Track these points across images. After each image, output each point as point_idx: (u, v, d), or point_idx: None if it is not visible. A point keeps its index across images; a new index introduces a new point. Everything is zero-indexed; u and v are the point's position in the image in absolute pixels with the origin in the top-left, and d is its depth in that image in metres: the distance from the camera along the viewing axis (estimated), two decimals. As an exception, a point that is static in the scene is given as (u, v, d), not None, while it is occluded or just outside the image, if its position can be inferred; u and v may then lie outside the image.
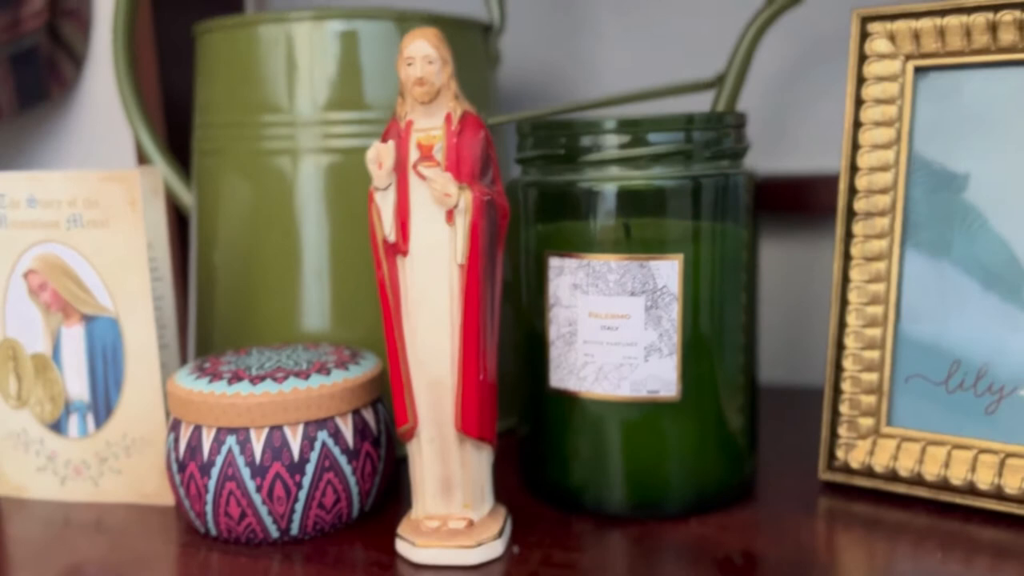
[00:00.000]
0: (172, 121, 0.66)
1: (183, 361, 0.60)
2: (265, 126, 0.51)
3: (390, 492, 0.45)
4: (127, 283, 0.43)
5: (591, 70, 0.67)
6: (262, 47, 0.50)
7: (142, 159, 0.61)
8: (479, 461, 0.38)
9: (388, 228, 0.36)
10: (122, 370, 0.44)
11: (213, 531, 0.40)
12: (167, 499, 0.45)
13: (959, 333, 0.42)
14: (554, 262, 0.41)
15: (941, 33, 0.41)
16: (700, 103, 0.60)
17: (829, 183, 0.52)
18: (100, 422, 0.45)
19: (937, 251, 0.42)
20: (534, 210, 0.42)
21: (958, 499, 0.41)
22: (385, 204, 0.36)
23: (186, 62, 0.64)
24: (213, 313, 0.54)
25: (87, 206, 0.43)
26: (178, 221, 0.66)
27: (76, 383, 0.45)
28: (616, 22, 0.66)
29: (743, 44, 0.52)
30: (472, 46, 0.54)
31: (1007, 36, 0.40)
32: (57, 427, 0.45)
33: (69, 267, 0.44)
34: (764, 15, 0.52)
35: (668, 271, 0.39)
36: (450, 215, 0.36)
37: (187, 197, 0.57)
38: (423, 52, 0.35)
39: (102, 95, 0.78)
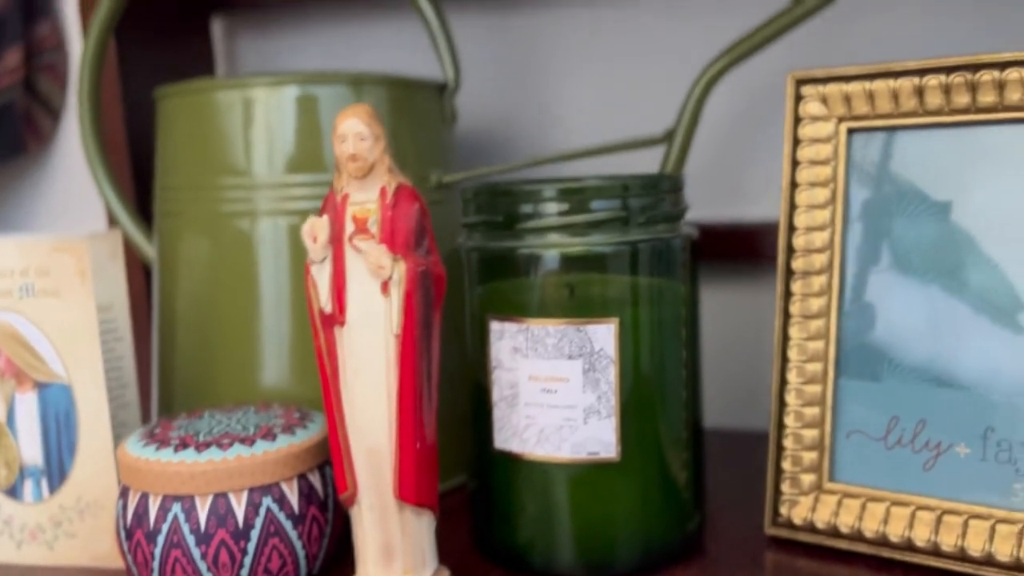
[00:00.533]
0: (141, 178, 0.67)
1: (145, 418, 0.61)
2: (224, 188, 0.52)
3: (341, 554, 0.45)
4: (78, 351, 0.44)
5: (549, 122, 0.68)
6: (220, 112, 0.52)
7: (112, 217, 0.62)
8: (419, 527, 0.39)
9: (324, 299, 0.37)
10: (75, 435, 0.45)
11: (161, 597, 0.41)
12: (120, 562, 0.45)
13: (897, 389, 0.43)
14: (495, 326, 0.42)
15: (871, 96, 0.42)
16: (654, 156, 0.61)
17: (774, 230, 0.53)
18: (54, 487, 0.46)
19: (874, 308, 0.43)
20: (476, 274, 0.43)
21: (897, 555, 0.41)
22: (321, 276, 0.37)
23: (153, 119, 0.65)
24: (174, 372, 0.54)
25: (38, 275, 0.44)
26: (148, 276, 0.66)
27: (30, 448, 0.45)
28: (574, 77, 0.67)
29: (691, 99, 0.53)
30: (428, 106, 0.55)
31: (933, 100, 0.41)
32: (12, 492, 0.46)
33: (21, 335, 0.45)
34: (711, 71, 0.53)
35: (604, 335, 0.40)
36: (385, 286, 0.37)
37: (152, 255, 0.58)
38: (355, 129, 0.36)
39: (79, 148, 0.80)
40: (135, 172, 0.67)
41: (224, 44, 0.77)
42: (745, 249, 0.62)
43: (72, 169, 0.82)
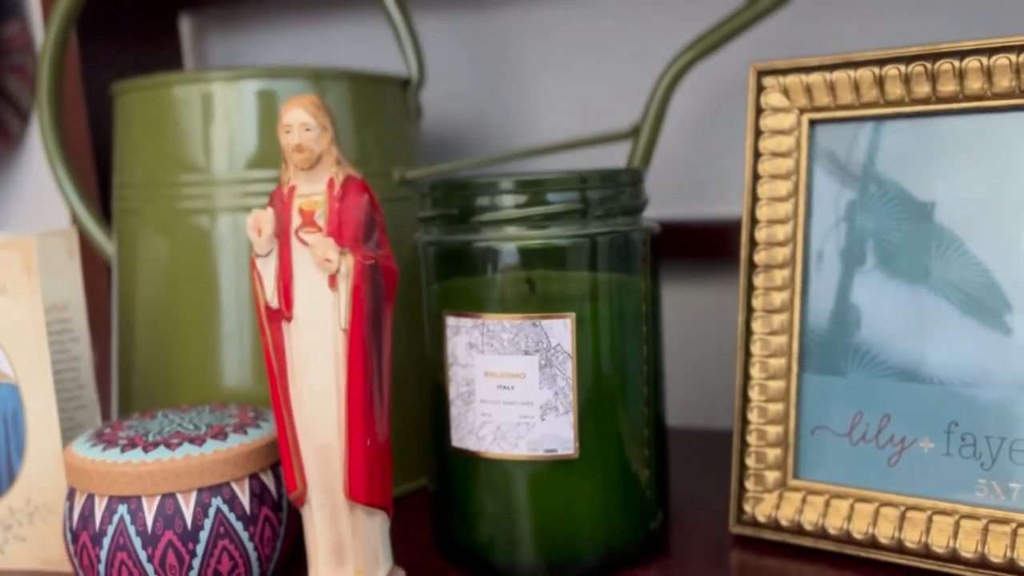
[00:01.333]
0: (105, 176, 0.66)
1: (106, 419, 0.60)
2: (182, 185, 0.51)
3: (297, 556, 0.44)
4: (25, 350, 0.43)
5: (517, 120, 0.67)
6: (178, 107, 0.51)
7: (73, 217, 0.61)
8: (371, 526, 0.38)
9: (270, 294, 0.36)
10: (23, 436, 0.44)
11: (109, 601, 0.40)
12: (70, 566, 0.44)
13: (861, 384, 0.42)
14: (451, 321, 0.41)
15: (832, 87, 0.42)
16: (622, 154, 0.60)
17: (739, 228, 0.52)
18: (3, 489, 0.44)
19: (838, 302, 0.43)
20: (433, 268, 0.42)
21: (862, 552, 0.41)
22: (267, 270, 0.36)
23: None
24: (133, 372, 0.53)
25: (-15, 273, 0.43)
26: (110, 276, 0.65)
27: (-22, 450, 0.44)
28: (542, 72, 0.66)
29: (657, 94, 0.53)
30: (391, 101, 0.54)
31: (894, 90, 0.41)
32: (-40, 495, 0.45)
33: (-32, 334, 0.44)
34: (676, 65, 0.52)
35: (560, 329, 0.39)
36: (332, 280, 0.36)
37: (113, 253, 0.57)
38: (300, 120, 0.35)
39: (47, 149, 0.79)
40: (99, 170, 0.67)
41: (193, 42, 0.76)
42: (711, 246, 0.61)
43: (42, 171, 0.81)
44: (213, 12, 0.75)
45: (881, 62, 0.40)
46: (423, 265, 0.43)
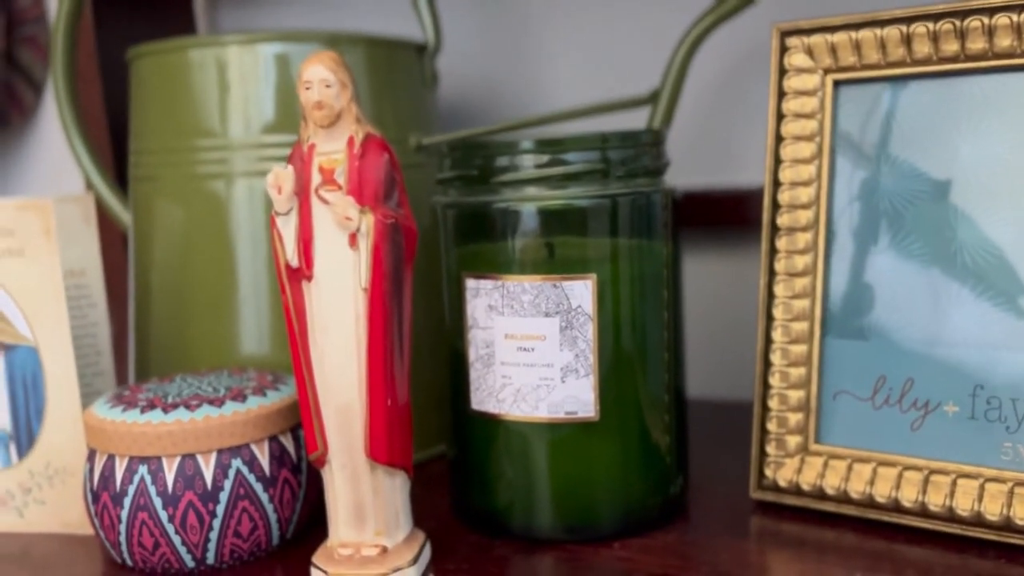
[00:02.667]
0: (119, 145, 0.66)
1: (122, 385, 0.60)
2: (198, 151, 0.50)
3: (317, 518, 0.44)
4: (44, 312, 0.43)
5: (534, 87, 0.67)
6: (194, 71, 0.50)
7: (89, 185, 0.61)
8: (392, 487, 0.38)
9: (290, 253, 0.36)
10: (43, 399, 0.44)
11: (129, 562, 0.40)
12: (90, 529, 0.44)
13: (884, 348, 0.41)
14: (470, 283, 0.41)
15: (857, 46, 0.41)
16: (641, 119, 0.60)
17: (761, 197, 0.51)
18: (23, 452, 0.45)
19: (862, 265, 0.42)
20: (453, 231, 0.42)
21: (884, 516, 0.40)
22: (287, 229, 0.36)
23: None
24: (149, 338, 0.53)
25: (3, 235, 0.43)
26: (127, 244, 0.65)
27: (-2, 413, 0.44)
28: (558, 39, 0.66)
29: (676, 60, 0.52)
30: (407, 67, 0.54)
31: (922, 48, 0.40)
32: (-20, 458, 0.45)
33: (-13, 296, 0.44)
34: (696, 30, 0.52)
35: (582, 291, 0.39)
36: (353, 239, 0.36)
37: (128, 221, 0.57)
38: (320, 76, 0.35)
39: (61, 120, 0.78)
40: (113, 140, 0.66)
41: (205, 12, 0.76)
42: (731, 216, 0.60)
43: (55, 143, 0.80)
44: (226, -19, 0.75)
45: (909, 20, 0.40)
46: (441, 228, 0.43)
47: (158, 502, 0.38)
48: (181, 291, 0.51)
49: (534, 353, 0.40)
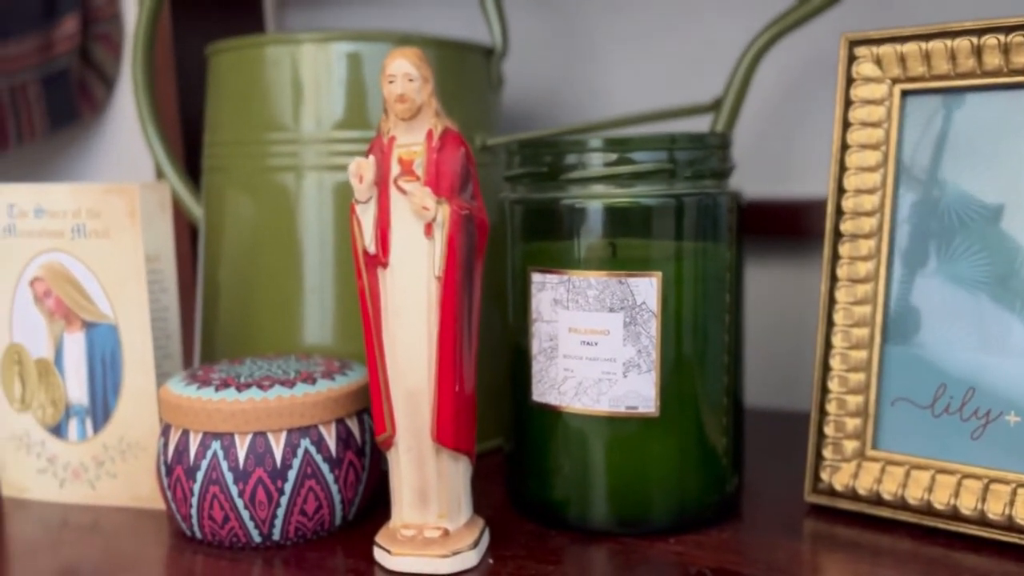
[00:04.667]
0: (190, 140, 0.68)
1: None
2: (270, 144, 0.52)
3: (376, 502, 0.45)
4: (126, 292, 0.45)
5: (594, 93, 0.68)
6: (269, 67, 0.52)
7: (160, 175, 0.63)
8: (455, 472, 0.39)
9: (368, 240, 0.37)
10: (120, 376, 0.46)
11: (199, 534, 0.41)
12: (160, 503, 0.46)
13: (945, 356, 0.42)
14: (536, 277, 0.42)
15: (927, 57, 0.42)
16: (701, 126, 0.60)
17: (821, 207, 0.52)
18: (98, 426, 0.46)
19: (924, 273, 0.42)
20: (520, 227, 0.43)
21: (941, 524, 0.41)
22: (366, 217, 0.37)
23: (204, 84, 0.66)
24: (217, 325, 0.55)
25: (90, 217, 0.45)
26: (194, 236, 0.67)
27: (76, 388, 0.46)
28: (618, 46, 0.67)
29: (741, 68, 0.53)
30: (475, 69, 0.55)
31: (992, 60, 0.40)
32: (57, 430, 0.47)
33: (72, 275, 0.46)
34: (762, 40, 0.52)
35: (647, 288, 0.40)
36: (428, 228, 0.37)
37: (198, 212, 0.59)
38: (404, 70, 0.36)
39: (132, 116, 0.81)
40: (184, 135, 0.68)
41: (275, 11, 0.78)
42: (790, 225, 0.61)
43: (123, 137, 0.83)
44: (295, -15, 0.77)
45: (980, 32, 0.40)
46: (509, 223, 0.44)
47: (229, 477, 0.40)
48: (249, 279, 0.53)
49: (597, 347, 0.40)
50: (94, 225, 0.45)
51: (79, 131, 0.85)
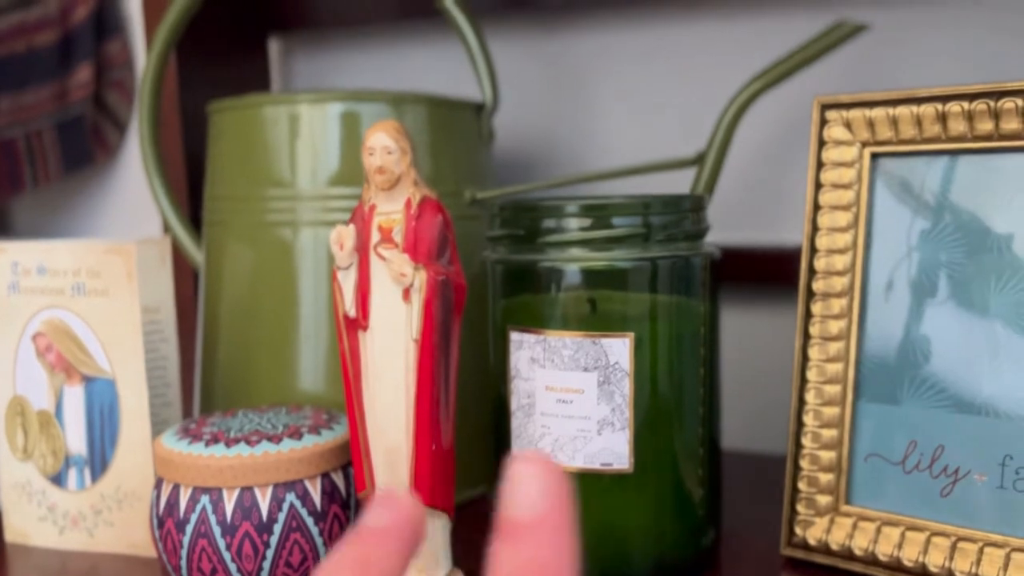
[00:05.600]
0: (195, 189, 0.71)
1: (187, 417, 0.63)
2: (268, 199, 0.54)
3: (362, 552, 0.47)
4: (123, 348, 0.47)
5: (587, 142, 0.69)
6: (267, 126, 0.54)
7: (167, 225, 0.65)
8: (434, 528, 0.40)
9: (349, 304, 0.39)
10: (117, 428, 0.47)
11: (188, 585, 0.43)
12: (154, 551, 0.47)
13: (916, 413, 0.42)
14: (515, 336, 0.43)
15: (894, 122, 0.43)
16: (688, 180, 0.62)
17: (799, 256, 0.53)
18: (96, 476, 0.48)
19: (896, 332, 0.43)
20: (500, 285, 0.45)
21: (911, 580, 0.41)
22: (347, 282, 0.39)
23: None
24: (215, 374, 0.57)
25: (90, 276, 0.47)
26: (197, 281, 0.69)
27: (76, 439, 0.48)
28: (611, 99, 0.68)
29: (724, 122, 0.54)
30: (465, 124, 0.57)
31: (956, 126, 0.41)
32: (57, 479, 0.49)
33: (72, 331, 0.48)
34: (744, 95, 0.54)
35: (619, 348, 0.41)
36: (407, 293, 0.38)
37: (200, 260, 0.61)
38: (382, 143, 0.38)
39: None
40: (190, 183, 0.71)
41: (280, 63, 0.80)
42: (770, 273, 0.62)
43: (135, 179, 0.86)
44: (299, 35, 0.80)
45: (944, 99, 0.41)
46: (490, 281, 0.45)
47: (217, 530, 0.41)
48: (246, 329, 0.55)
49: (572, 405, 0.42)
50: (93, 284, 0.47)
51: (92, 173, 0.88)
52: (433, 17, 0.71)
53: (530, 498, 0.21)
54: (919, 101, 0.42)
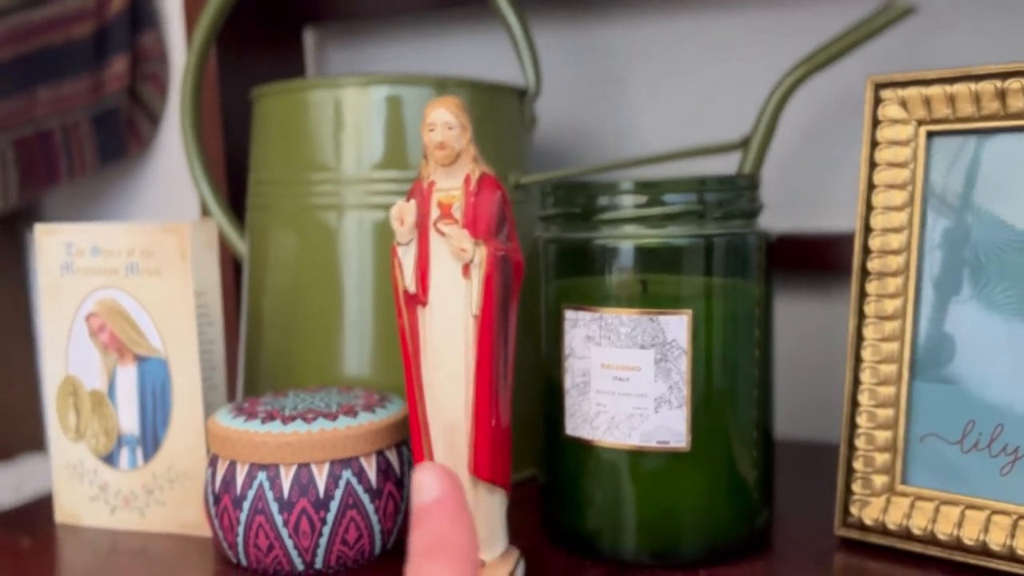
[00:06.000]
0: (234, 177, 0.71)
1: (231, 401, 0.64)
2: (313, 183, 0.54)
3: (413, 532, 0.47)
4: (176, 327, 0.47)
5: (623, 130, 0.69)
6: (312, 110, 0.54)
7: (206, 212, 0.65)
8: (491, 504, 0.40)
9: (409, 280, 0.39)
10: (169, 408, 0.48)
11: (244, 562, 0.43)
12: (206, 530, 0.48)
13: (974, 392, 0.42)
14: (569, 315, 0.43)
15: (951, 100, 0.43)
16: (729, 163, 0.62)
17: (850, 241, 0.53)
18: (148, 456, 0.48)
19: (953, 309, 0.43)
20: (553, 265, 0.45)
21: (971, 559, 0.41)
22: (407, 258, 0.39)
23: (249, 123, 0.69)
24: (260, 357, 0.57)
25: (143, 255, 0.47)
26: (237, 270, 0.70)
27: (128, 418, 0.48)
28: (650, 86, 0.68)
29: (769, 107, 0.54)
30: (508, 110, 0.57)
31: (1016, 103, 0.41)
32: (109, 459, 0.49)
33: (126, 311, 0.48)
34: (790, 79, 0.54)
35: (677, 326, 0.41)
36: (466, 269, 0.38)
37: (242, 248, 0.61)
38: (443, 119, 0.38)
39: (176, 151, 0.84)
40: (228, 172, 0.71)
41: (315, 54, 0.81)
42: (819, 260, 0.61)
43: (167, 172, 0.86)
44: (334, 26, 0.80)
45: (1004, 76, 0.41)
46: (542, 261, 0.45)
47: (274, 507, 0.41)
48: (291, 313, 0.55)
49: (629, 383, 0.42)
50: (147, 263, 0.47)
51: (126, 165, 0.88)
52: (465, 6, 0.71)
53: (428, 488, 0.29)
54: (978, 78, 0.42)
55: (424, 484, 0.29)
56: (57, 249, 0.49)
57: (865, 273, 0.45)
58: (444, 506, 0.29)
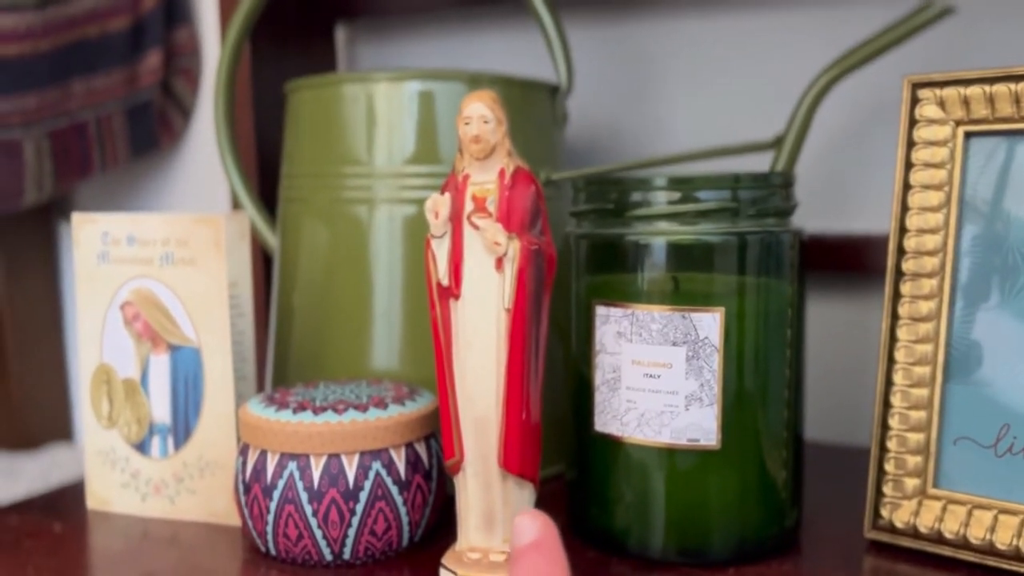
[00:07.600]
0: (264, 171, 0.71)
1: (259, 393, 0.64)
2: (345, 177, 0.54)
3: (441, 525, 0.47)
4: (209, 317, 0.47)
5: (655, 128, 0.69)
6: (345, 104, 0.55)
7: (236, 204, 0.66)
8: (520, 498, 0.40)
9: (442, 273, 0.39)
10: (201, 397, 0.48)
11: (273, 551, 0.43)
12: (235, 519, 0.48)
13: (1009, 395, 0.42)
14: (600, 311, 0.43)
15: (991, 100, 0.42)
16: (761, 163, 0.61)
17: (882, 243, 0.52)
18: (179, 444, 0.49)
19: (987, 311, 0.43)
20: (585, 260, 0.45)
21: (1004, 564, 0.41)
22: (440, 251, 0.39)
23: (279, 118, 0.69)
24: (289, 349, 0.57)
25: (178, 245, 0.47)
26: (266, 262, 0.70)
27: (160, 407, 0.49)
28: (681, 84, 0.68)
29: (803, 106, 0.54)
30: (540, 106, 0.57)
31: (1057, 103, 0.41)
32: (141, 447, 0.50)
33: (160, 300, 0.48)
34: (824, 79, 0.53)
35: (709, 323, 0.41)
36: (499, 262, 0.38)
37: (272, 241, 0.61)
38: (479, 113, 0.38)
39: (206, 145, 0.85)
40: (259, 166, 0.72)
41: (346, 50, 0.81)
42: (850, 261, 0.61)
43: (198, 165, 0.87)
44: (365, 23, 0.80)
45: (1045, 75, 0.41)
46: (574, 257, 0.45)
47: (304, 496, 0.42)
48: (321, 305, 0.55)
49: (660, 380, 0.42)
50: (182, 253, 0.48)
51: (157, 158, 0.89)
52: (495, 3, 0.71)
53: (527, 532, 0.31)
54: (1018, 79, 0.41)
55: (524, 528, 0.32)
56: (94, 238, 0.50)
57: (899, 274, 0.44)
58: (541, 548, 0.31)
